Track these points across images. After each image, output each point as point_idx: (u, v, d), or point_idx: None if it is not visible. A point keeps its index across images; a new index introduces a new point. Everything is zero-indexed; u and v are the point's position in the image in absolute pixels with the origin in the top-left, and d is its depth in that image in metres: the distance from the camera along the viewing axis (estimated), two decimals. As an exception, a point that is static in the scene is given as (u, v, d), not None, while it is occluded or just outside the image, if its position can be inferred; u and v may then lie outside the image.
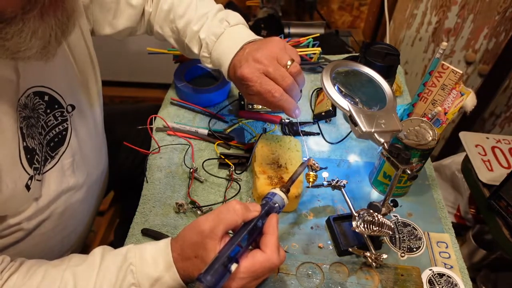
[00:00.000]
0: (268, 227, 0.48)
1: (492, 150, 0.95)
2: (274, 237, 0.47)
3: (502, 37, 1.24)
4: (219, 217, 0.46)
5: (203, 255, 0.45)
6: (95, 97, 0.70)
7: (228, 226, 0.46)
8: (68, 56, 0.61)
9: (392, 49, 0.82)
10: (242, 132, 0.83)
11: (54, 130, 0.58)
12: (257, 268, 0.45)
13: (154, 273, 0.47)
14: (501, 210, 0.83)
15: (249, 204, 0.48)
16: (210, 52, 0.68)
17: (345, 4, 1.54)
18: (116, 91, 1.97)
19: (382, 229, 0.58)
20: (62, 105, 0.60)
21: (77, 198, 0.65)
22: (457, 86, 0.68)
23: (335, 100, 0.58)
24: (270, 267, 0.46)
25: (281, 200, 0.52)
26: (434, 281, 0.61)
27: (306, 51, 0.99)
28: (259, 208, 0.49)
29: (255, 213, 0.48)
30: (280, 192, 0.52)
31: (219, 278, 0.42)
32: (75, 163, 0.63)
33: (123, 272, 0.47)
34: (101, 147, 0.76)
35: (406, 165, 0.55)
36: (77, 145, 0.63)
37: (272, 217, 0.49)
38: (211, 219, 0.46)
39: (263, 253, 0.46)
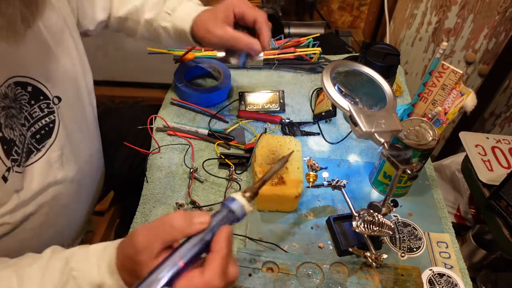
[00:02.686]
0: (214, 243, 0.40)
1: (492, 150, 0.95)
2: (218, 255, 0.39)
3: (502, 37, 1.24)
4: (154, 232, 0.40)
5: (137, 270, 0.41)
6: (84, 91, 0.69)
7: (165, 242, 0.40)
8: (51, 47, 0.60)
9: (392, 49, 0.82)
10: (242, 132, 0.83)
11: (40, 122, 0.57)
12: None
13: (97, 279, 0.44)
14: (501, 210, 0.83)
15: (195, 214, 0.41)
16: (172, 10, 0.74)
17: (345, 4, 1.54)
18: (116, 91, 1.97)
19: (382, 229, 0.58)
20: (48, 96, 0.58)
21: (67, 193, 0.64)
22: (457, 86, 0.68)
23: (335, 100, 0.58)
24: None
25: (239, 208, 0.43)
26: (434, 281, 0.62)
27: (306, 51, 1.00)
28: (207, 219, 0.41)
29: (200, 226, 0.40)
30: (241, 198, 0.43)
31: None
32: (64, 156, 0.62)
33: (65, 278, 0.44)
34: (93, 142, 0.75)
35: (406, 165, 0.55)
36: (65, 138, 0.62)
37: (222, 230, 0.41)
38: (146, 233, 0.41)
39: (201, 275, 0.39)
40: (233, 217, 0.43)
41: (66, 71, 0.63)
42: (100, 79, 1.97)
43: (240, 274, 0.58)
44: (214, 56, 0.96)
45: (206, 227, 0.41)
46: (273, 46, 1.00)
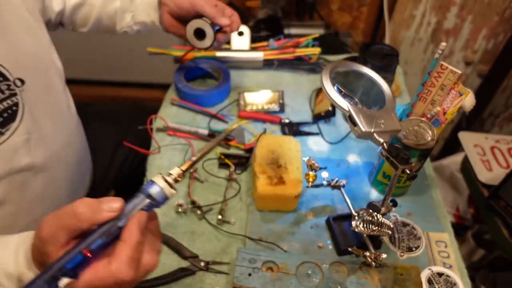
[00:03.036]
0: (124, 230, 0.37)
1: (491, 150, 0.95)
2: (126, 245, 0.37)
3: (501, 38, 1.24)
4: (59, 222, 0.37)
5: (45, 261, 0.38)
6: (54, 77, 0.67)
7: (71, 232, 0.37)
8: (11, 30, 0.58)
9: (391, 49, 0.82)
10: (242, 132, 0.84)
11: (2, 105, 0.55)
12: (98, 284, 0.36)
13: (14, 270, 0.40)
14: (500, 210, 0.83)
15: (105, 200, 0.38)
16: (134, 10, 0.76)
17: (345, 5, 1.54)
18: (116, 91, 1.97)
19: (382, 228, 0.58)
20: (8, 77, 0.56)
21: (39, 181, 0.63)
22: (456, 86, 0.68)
23: (335, 100, 0.58)
24: (116, 283, 0.36)
25: (159, 193, 0.40)
26: (433, 280, 0.62)
27: (306, 51, 1.00)
28: (118, 206, 0.38)
29: (109, 214, 0.37)
30: (160, 181, 0.40)
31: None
32: (31, 142, 0.60)
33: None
34: (70, 132, 0.72)
35: (405, 165, 0.55)
36: (33, 124, 0.60)
37: (133, 217, 0.38)
38: (50, 222, 0.38)
39: (107, 265, 0.36)
40: (151, 202, 0.40)
41: (29, 54, 0.61)
42: (100, 79, 1.97)
43: (240, 273, 0.58)
44: (214, 56, 0.96)
45: (116, 215, 0.38)
46: (272, 46, 1.01)
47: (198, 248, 0.65)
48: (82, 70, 1.95)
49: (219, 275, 0.62)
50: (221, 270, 0.63)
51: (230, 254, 0.65)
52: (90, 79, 1.99)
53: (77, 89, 2.24)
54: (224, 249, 0.66)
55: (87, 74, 1.97)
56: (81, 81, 2.00)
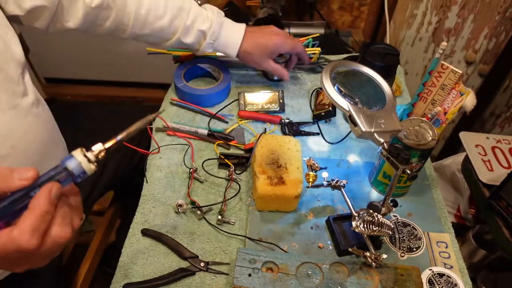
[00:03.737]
0: (32, 199, 0.37)
1: (492, 150, 0.95)
2: (32, 212, 0.36)
3: (502, 37, 1.24)
4: None
5: None
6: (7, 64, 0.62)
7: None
8: None
9: (392, 49, 0.82)
10: (241, 132, 0.83)
11: None
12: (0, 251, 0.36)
13: None
14: (501, 210, 0.83)
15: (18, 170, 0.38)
16: (215, 39, 0.82)
17: (345, 4, 1.54)
18: (116, 91, 1.97)
19: (382, 229, 0.58)
20: None
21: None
22: (457, 86, 0.68)
23: (335, 100, 0.58)
24: (18, 250, 0.36)
25: (77, 166, 0.39)
26: (434, 281, 0.61)
27: (306, 51, 0.99)
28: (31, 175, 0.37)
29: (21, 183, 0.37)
30: (79, 156, 0.39)
31: None
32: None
33: None
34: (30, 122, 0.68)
35: (406, 165, 0.55)
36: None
37: (44, 186, 0.37)
38: None
39: (9, 232, 0.36)
40: (67, 175, 0.39)
41: None
42: (100, 79, 1.98)
43: (240, 274, 0.58)
44: (214, 56, 0.96)
45: (28, 183, 0.37)
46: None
47: (197, 249, 0.65)
48: (82, 70, 1.95)
49: (218, 275, 0.62)
50: (221, 271, 0.63)
51: (230, 255, 0.65)
52: (90, 79, 1.99)
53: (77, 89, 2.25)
54: (224, 249, 0.65)
55: (87, 74, 1.97)
56: (81, 81, 2.00)
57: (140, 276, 0.62)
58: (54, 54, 1.83)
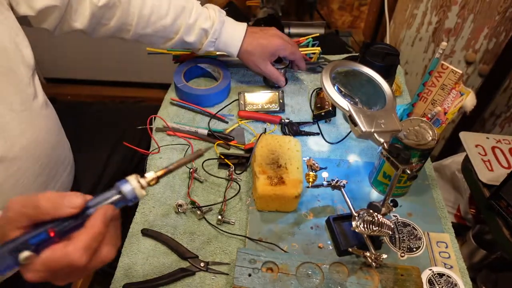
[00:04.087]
0: (89, 219, 0.40)
1: (492, 150, 0.95)
2: (86, 232, 0.39)
3: (503, 37, 1.24)
4: (22, 209, 0.39)
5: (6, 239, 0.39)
6: (18, 66, 0.64)
7: (32, 221, 0.39)
8: None
9: (392, 49, 0.81)
10: (241, 132, 0.83)
11: None
12: (53, 264, 0.38)
13: None
14: (502, 210, 0.83)
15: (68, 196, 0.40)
16: (217, 37, 0.82)
17: (345, 4, 1.54)
18: (116, 91, 1.98)
19: (382, 229, 0.58)
20: None
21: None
22: (457, 86, 0.68)
23: (335, 100, 0.58)
24: (69, 265, 0.38)
25: (131, 192, 0.41)
26: (434, 281, 0.61)
27: (306, 51, 0.99)
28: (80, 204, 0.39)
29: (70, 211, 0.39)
30: (133, 181, 0.42)
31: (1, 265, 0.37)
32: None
33: None
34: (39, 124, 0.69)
35: (406, 165, 0.55)
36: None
37: (100, 208, 0.40)
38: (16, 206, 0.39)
39: (64, 247, 0.38)
40: (121, 199, 0.41)
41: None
42: (100, 79, 1.98)
43: (240, 274, 0.58)
44: (214, 56, 0.96)
45: (77, 212, 0.39)
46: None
47: (197, 249, 0.65)
48: (82, 70, 1.95)
49: (218, 275, 0.62)
50: (221, 271, 0.63)
51: (230, 255, 0.65)
52: (90, 79, 1.99)
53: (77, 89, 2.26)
54: (224, 249, 0.65)
55: (87, 74, 1.97)
56: (81, 81, 2.00)
57: (140, 276, 0.62)
58: (54, 54, 1.83)
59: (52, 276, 0.40)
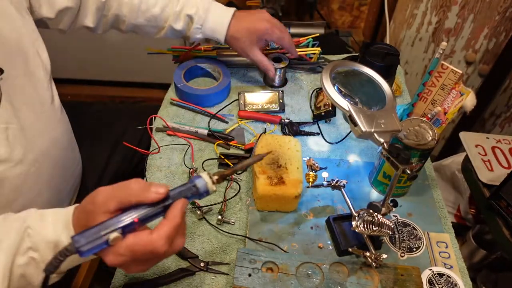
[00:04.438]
0: (168, 212, 0.44)
1: (492, 150, 0.95)
2: (168, 223, 0.43)
3: (503, 37, 1.24)
4: (113, 192, 0.43)
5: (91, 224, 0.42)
6: (37, 70, 0.66)
7: (121, 203, 0.43)
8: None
9: (392, 49, 0.81)
10: (241, 132, 0.83)
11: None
12: (137, 249, 0.42)
13: (52, 237, 0.44)
14: (502, 210, 0.83)
15: (154, 184, 0.44)
16: (202, 23, 0.82)
17: (345, 4, 1.54)
18: (116, 91, 1.97)
19: (382, 229, 0.58)
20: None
21: (16, 173, 0.61)
22: (457, 86, 0.68)
23: (335, 100, 0.58)
24: (152, 251, 0.42)
25: (204, 186, 0.46)
26: (434, 281, 0.61)
27: (306, 51, 0.99)
28: (164, 191, 0.44)
29: (155, 196, 0.43)
30: (206, 177, 0.46)
31: (92, 244, 0.40)
32: (9, 131, 0.59)
33: (20, 236, 0.45)
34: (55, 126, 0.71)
35: (406, 165, 0.55)
36: (11, 113, 0.59)
37: (177, 202, 0.44)
38: (107, 191, 0.43)
39: (149, 235, 0.42)
40: (195, 192, 0.46)
41: (8, 44, 0.60)
42: (100, 79, 1.97)
43: (240, 274, 0.58)
44: (214, 56, 0.96)
45: (161, 197, 0.43)
46: (273, 46, 1.00)
47: (197, 249, 0.65)
48: (82, 70, 1.95)
49: (218, 275, 0.62)
50: (221, 271, 0.63)
51: (230, 255, 0.65)
52: (90, 79, 1.99)
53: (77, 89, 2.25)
54: (224, 249, 0.65)
55: (87, 74, 1.97)
56: (81, 81, 2.00)
57: (140, 276, 0.62)
58: (54, 54, 1.83)
59: (131, 261, 0.43)
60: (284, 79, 0.96)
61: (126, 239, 0.42)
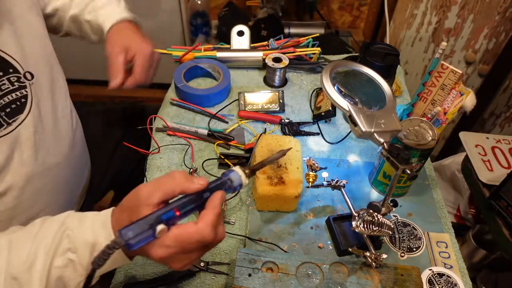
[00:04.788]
0: (209, 201, 0.45)
1: (492, 150, 0.95)
2: (212, 211, 0.44)
3: (502, 37, 1.24)
4: (158, 184, 0.44)
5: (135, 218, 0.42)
6: (58, 76, 0.68)
7: (165, 194, 0.43)
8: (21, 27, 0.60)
9: (392, 49, 0.82)
10: (241, 132, 0.83)
11: (11, 96, 0.57)
12: (185, 238, 0.42)
13: (90, 238, 0.44)
14: (501, 210, 0.83)
15: (196, 176, 0.46)
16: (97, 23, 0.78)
17: (345, 4, 1.54)
18: (116, 91, 1.96)
19: (382, 229, 0.58)
20: (18, 70, 0.58)
21: (38, 177, 0.63)
22: (457, 86, 0.68)
23: (335, 100, 0.58)
24: (200, 240, 0.43)
25: (238, 179, 0.48)
26: (434, 281, 0.61)
27: (306, 51, 1.00)
28: (205, 182, 0.45)
29: (198, 186, 0.44)
30: (239, 170, 0.48)
31: (140, 236, 0.40)
32: (37, 136, 0.61)
33: (58, 237, 0.45)
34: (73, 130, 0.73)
35: (406, 165, 0.55)
36: (38, 118, 0.62)
37: (217, 193, 0.46)
38: (150, 185, 0.44)
39: (194, 224, 0.43)
40: (230, 185, 0.47)
41: (38, 52, 0.63)
42: (100, 79, 1.97)
43: (240, 274, 0.58)
44: (214, 56, 0.96)
45: (203, 188, 0.45)
46: (273, 46, 1.00)
47: (197, 249, 0.65)
48: (82, 70, 1.95)
49: (218, 275, 0.62)
50: (221, 271, 0.63)
51: (230, 255, 0.65)
52: (90, 79, 1.99)
53: (77, 89, 2.25)
54: (224, 249, 0.65)
55: (87, 74, 1.97)
56: (81, 81, 2.00)
57: (140, 276, 0.62)
58: (54, 54, 1.83)
59: (179, 253, 0.43)
60: (284, 79, 0.96)
61: (172, 230, 0.42)
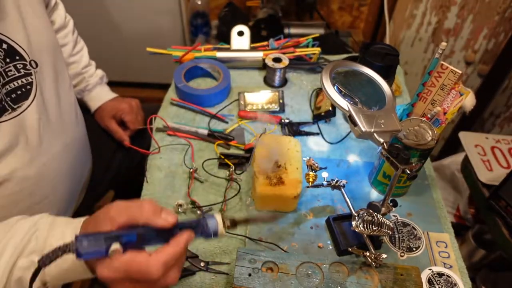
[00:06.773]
0: (174, 239, 0.43)
1: (492, 150, 0.95)
2: (171, 249, 0.42)
3: (502, 38, 1.24)
4: (127, 206, 0.44)
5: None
6: (63, 68, 0.70)
7: (129, 219, 0.43)
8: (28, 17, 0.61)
9: (392, 49, 0.82)
10: (242, 132, 0.84)
11: (16, 82, 0.58)
12: (133, 267, 0.41)
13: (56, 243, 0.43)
14: (501, 210, 0.83)
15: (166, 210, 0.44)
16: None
17: (345, 5, 1.54)
18: (116, 91, 1.97)
19: (382, 229, 0.58)
20: (24, 57, 0.59)
21: (40, 165, 0.63)
22: (456, 86, 0.68)
23: (335, 100, 0.58)
24: (145, 274, 0.41)
25: (214, 226, 0.46)
26: (434, 281, 0.62)
27: (306, 51, 1.00)
28: (173, 220, 0.44)
29: (163, 222, 0.43)
30: (219, 218, 0.47)
31: (93, 248, 0.39)
32: (41, 122, 0.62)
33: (27, 238, 0.45)
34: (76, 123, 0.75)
35: (406, 165, 0.55)
36: (42, 106, 0.63)
37: (184, 232, 0.44)
38: (122, 205, 0.44)
39: (147, 256, 0.41)
40: (204, 229, 0.46)
41: (42, 39, 0.64)
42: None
43: (240, 274, 0.58)
44: (214, 56, 0.96)
45: (168, 226, 0.43)
46: (273, 46, 1.01)
47: (197, 248, 0.65)
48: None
49: (218, 275, 0.62)
50: (221, 271, 0.63)
51: (230, 255, 0.65)
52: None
53: (77, 89, 2.21)
54: (224, 249, 0.65)
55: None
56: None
57: (141, 276, 0.62)
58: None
59: (122, 279, 0.41)
60: (284, 79, 0.96)
61: (125, 255, 0.41)
